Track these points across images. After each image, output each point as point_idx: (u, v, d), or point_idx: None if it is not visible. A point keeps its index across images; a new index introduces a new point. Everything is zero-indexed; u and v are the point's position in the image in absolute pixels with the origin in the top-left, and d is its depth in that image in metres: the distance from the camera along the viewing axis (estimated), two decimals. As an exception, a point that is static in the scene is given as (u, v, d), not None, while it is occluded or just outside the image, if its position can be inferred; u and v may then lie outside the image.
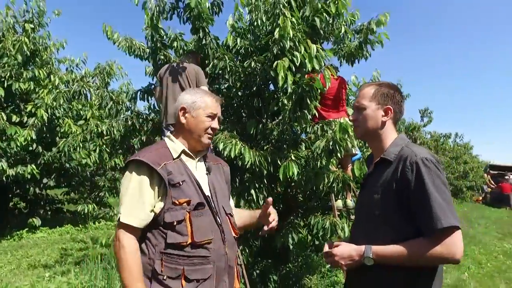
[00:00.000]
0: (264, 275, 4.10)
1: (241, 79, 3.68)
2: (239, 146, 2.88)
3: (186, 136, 1.47)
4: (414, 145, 1.37)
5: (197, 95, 1.49)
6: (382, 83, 1.47)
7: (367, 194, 1.41)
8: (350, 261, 1.30)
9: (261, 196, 3.16)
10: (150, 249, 1.32)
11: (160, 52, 3.86)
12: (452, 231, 1.18)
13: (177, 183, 1.33)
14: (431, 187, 1.20)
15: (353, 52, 3.99)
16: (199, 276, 1.30)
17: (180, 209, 1.31)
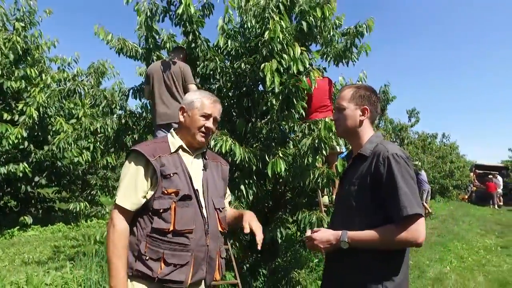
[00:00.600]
0: (253, 269, 4.24)
1: (231, 80, 3.81)
2: (230, 142, 3.02)
3: (184, 133, 1.60)
4: (388, 142, 1.53)
5: (196, 96, 1.62)
6: (360, 85, 1.64)
7: (345, 186, 1.57)
8: (328, 245, 1.46)
9: (250, 192, 3.31)
10: (139, 231, 1.44)
11: (153, 53, 3.96)
12: (416, 218, 1.34)
13: (168, 175, 1.46)
14: (400, 180, 1.36)
15: (340, 53, 4.16)
16: (176, 261, 1.42)
17: (168, 198, 1.44)
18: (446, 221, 10.81)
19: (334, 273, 1.55)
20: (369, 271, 1.42)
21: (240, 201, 3.25)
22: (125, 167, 1.50)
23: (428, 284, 4.79)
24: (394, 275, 1.41)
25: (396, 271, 1.43)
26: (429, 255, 6.33)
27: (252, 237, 4.12)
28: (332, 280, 1.56)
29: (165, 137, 1.63)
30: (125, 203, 1.43)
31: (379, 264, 1.42)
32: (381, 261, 1.41)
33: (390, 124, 12.75)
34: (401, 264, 1.46)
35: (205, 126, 1.58)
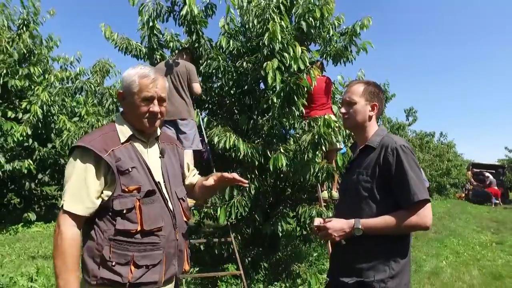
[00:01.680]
0: (255, 263, 4.37)
1: (233, 78, 3.93)
2: (233, 138, 3.14)
3: (131, 121, 1.40)
4: (393, 135, 1.66)
5: (131, 76, 1.37)
6: (369, 82, 1.73)
7: (352, 176, 1.65)
8: (342, 233, 1.54)
9: (252, 186, 3.43)
10: (98, 234, 1.28)
11: (157, 52, 4.07)
12: (425, 203, 1.47)
13: (126, 170, 1.30)
14: (409, 169, 1.48)
15: (339, 52, 4.29)
16: (148, 262, 1.30)
17: (130, 197, 1.29)
18: (443, 218, 10.96)
19: (342, 259, 1.63)
20: (375, 255, 1.52)
21: (242, 195, 3.37)
22: (69, 166, 1.29)
23: (425, 277, 4.92)
24: (400, 256, 1.53)
25: (401, 253, 1.54)
26: (426, 251, 6.48)
27: (255, 231, 4.27)
28: (340, 266, 1.64)
29: (112, 125, 1.41)
30: (75, 208, 1.25)
31: (385, 248, 1.52)
32: (387, 244, 1.52)
33: (388, 123, 12.90)
34: (406, 246, 1.58)
35: (150, 111, 1.36)
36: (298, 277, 4.32)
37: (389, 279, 1.49)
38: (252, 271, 4.22)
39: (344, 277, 1.56)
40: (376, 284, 1.48)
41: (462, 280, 4.82)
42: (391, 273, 1.49)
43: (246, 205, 3.32)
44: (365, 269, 1.52)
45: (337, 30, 4.52)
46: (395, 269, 1.50)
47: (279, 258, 4.72)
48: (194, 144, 3.63)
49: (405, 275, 1.54)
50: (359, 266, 1.54)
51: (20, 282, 3.17)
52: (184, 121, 3.58)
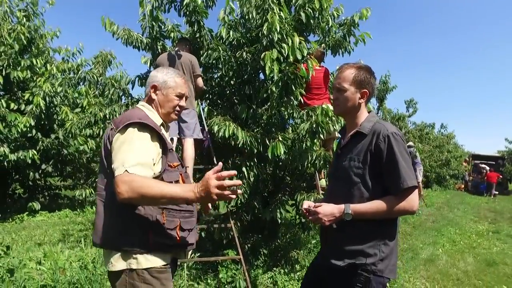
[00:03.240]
0: (254, 249, 4.48)
1: (233, 69, 3.99)
2: (232, 127, 3.21)
3: (159, 110, 1.61)
4: (384, 122, 1.71)
5: (169, 75, 1.62)
6: (361, 67, 1.74)
7: (342, 162, 1.70)
8: (332, 218, 1.59)
9: (251, 174, 3.52)
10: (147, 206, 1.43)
11: (158, 42, 4.13)
12: (413, 190, 1.54)
13: (170, 149, 1.52)
14: (399, 156, 1.55)
15: (338, 43, 4.34)
16: (189, 226, 1.54)
17: (175, 171, 1.52)
18: (442, 208, 11.08)
19: (333, 242, 1.68)
20: (366, 239, 1.59)
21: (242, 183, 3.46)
22: (130, 136, 1.38)
23: (421, 264, 5.05)
24: (389, 239, 1.61)
25: (390, 236, 1.62)
26: (423, 239, 6.60)
27: (254, 218, 4.37)
28: (332, 249, 1.69)
29: (142, 111, 1.55)
30: (143, 171, 1.31)
31: (374, 231, 1.59)
32: (376, 228, 1.59)
33: (389, 114, 12.94)
34: (394, 228, 1.65)
35: (179, 105, 1.63)
36: (297, 263, 4.44)
37: (379, 261, 1.57)
38: (251, 257, 4.34)
39: (336, 260, 1.63)
40: (368, 266, 1.56)
41: (456, 267, 4.94)
42: (381, 255, 1.57)
43: (245, 192, 3.41)
44: (356, 252, 1.58)
45: (336, 21, 4.56)
46: (384, 252, 1.58)
47: (278, 245, 4.83)
48: (195, 133, 3.72)
49: (394, 256, 1.62)
50: (350, 249, 1.60)
51: (29, 265, 3.31)
52: (185, 110, 3.65)
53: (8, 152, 5.79)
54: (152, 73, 1.65)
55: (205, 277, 3.84)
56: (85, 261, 3.49)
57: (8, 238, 5.36)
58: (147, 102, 1.63)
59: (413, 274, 4.57)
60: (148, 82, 1.63)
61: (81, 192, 7.49)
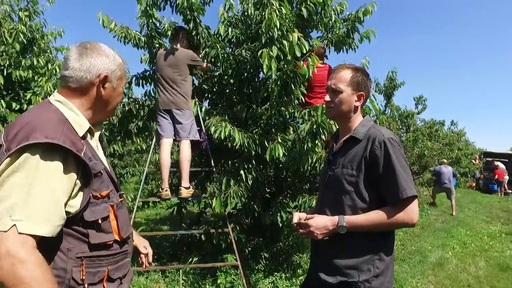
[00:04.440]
0: (255, 253, 4.36)
1: (232, 67, 3.85)
2: (229, 128, 3.08)
3: (97, 109, 1.16)
4: (380, 126, 1.58)
5: (116, 62, 1.19)
6: (357, 68, 1.62)
7: (336, 168, 1.57)
8: (325, 231, 1.47)
9: (249, 177, 3.38)
10: (57, 256, 1.01)
11: (155, 40, 4.01)
12: (412, 200, 1.41)
13: (98, 172, 1.08)
14: (397, 163, 1.41)
15: (341, 39, 4.16)
16: (120, 273, 1.16)
17: (102, 203, 1.09)
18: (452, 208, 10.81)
19: (324, 256, 1.56)
20: (359, 253, 1.46)
21: (239, 186, 3.33)
22: (27, 169, 0.91)
23: (429, 268, 4.86)
24: (385, 253, 1.47)
25: (386, 250, 1.48)
26: (431, 241, 6.39)
27: (254, 221, 4.24)
28: (323, 263, 1.56)
29: (57, 112, 1.06)
30: (39, 229, 0.90)
31: (369, 245, 1.46)
32: (371, 241, 1.46)
33: (397, 111, 12.64)
34: (391, 242, 1.52)
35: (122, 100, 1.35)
36: (299, 267, 4.30)
37: (374, 278, 1.44)
38: (252, 261, 4.22)
39: (327, 275, 1.51)
40: (361, 284, 1.43)
41: (467, 272, 4.74)
42: (375, 272, 1.44)
43: (242, 195, 3.28)
44: (348, 267, 1.46)
45: (340, 16, 4.38)
46: (379, 267, 1.45)
47: (280, 249, 4.70)
48: (191, 134, 3.60)
49: (389, 272, 1.49)
50: (342, 264, 1.48)
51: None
52: (180, 111, 3.53)
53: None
54: (92, 59, 1.12)
55: (204, 282, 3.73)
56: None
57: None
58: (71, 96, 1.11)
59: (420, 280, 4.40)
60: (87, 69, 1.11)
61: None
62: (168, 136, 3.57)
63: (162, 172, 3.50)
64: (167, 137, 3.57)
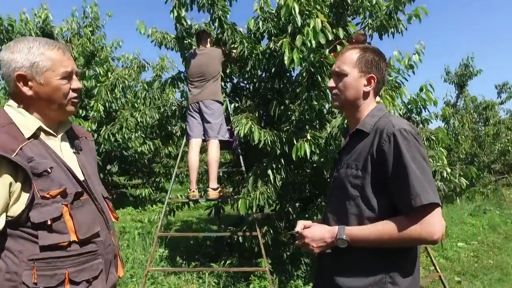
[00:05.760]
0: (294, 257, 4.13)
1: (261, 61, 3.70)
2: (249, 125, 2.93)
3: (41, 109, 1.13)
4: (393, 116, 1.26)
5: (34, 52, 1.09)
6: (367, 47, 1.35)
7: (341, 169, 1.32)
8: (322, 244, 1.24)
9: (278, 177, 3.18)
10: (8, 259, 1.01)
11: (185, 41, 4.06)
12: (432, 209, 1.09)
13: (44, 171, 1.04)
14: (410, 161, 1.11)
15: (384, 22, 3.71)
16: (88, 275, 1.11)
17: (53, 203, 1.05)
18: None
19: (327, 272, 1.32)
20: (367, 272, 1.18)
21: (267, 187, 3.15)
22: None
23: (509, 288, 4.09)
24: (401, 274, 1.17)
25: (403, 270, 1.18)
26: (516, 253, 5.41)
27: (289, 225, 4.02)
28: (325, 281, 1.32)
29: (5, 116, 1.09)
30: None
31: (379, 263, 1.18)
32: (382, 259, 1.17)
33: (472, 102, 11.15)
34: (411, 260, 1.20)
35: (72, 88, 1.15)
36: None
37: None
38: (291, 267, 4.00)
39: None
40: None
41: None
42: None
43: (269, 197, 3.09)
44: None
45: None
46: None
47: (322, 254, 4.39)
48: (220, 134, 3.53)
49: None
50: (345, 285, 1.21)
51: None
52: (208, 109, 3.50)
53: (74, 155, 6.38)
54: (4, 57, 1.08)
55: (237, 286, 3.63)
56: None
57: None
58: (17, 100, 1.12)
59: (495, 302, 3.71)
60: (4, 73, 1.10)
61: (141, 191, 7.96)
62: (197, 136, 3.56)
63: (190, 173, 3.49)
64: (196, 137, 3.55)
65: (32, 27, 6.64)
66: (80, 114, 7.09)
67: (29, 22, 6.73)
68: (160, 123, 4.26)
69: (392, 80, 4.49)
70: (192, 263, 4.09)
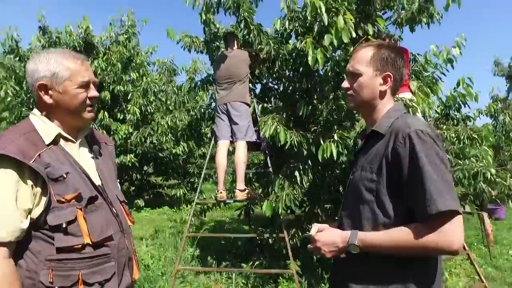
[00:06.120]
0: (324, 260, 4.04)
1: (288, 61, 3.66)
2: (275, 126, 2.91)
3: (61, 116, 1.20)
4: (410, 116, 1.21)
5: (54, 63, 1.16)
6: (381, 44, 1.29)
7: (356, 171, 1.28)
8: (334, 249, 1.19)
9: (305, 179, 3.13)
10: (29, 258, 1.09)
11: (213, 44, 4.12)
12: (450, 216, 1.02)
13: (59, 177, 1.10)
14: (426, 164, 1.04)
15: (414, 13, 3.53)
16: (100, 278, 1.15)
17: (68, 207, 1.11)
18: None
19: (341, 276, 1.27)
20: (380, 280, 1.13)
21: (293, 188, 3.11)
22: None
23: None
24: (418, 285, 1.10)
25: (421, 280, 1.11)
26: None
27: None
28: (338, 285, 1.28)
29: (28, 124, 1.17)
30: (1, 236, 1.02)
31: (396, 273, 1.12)
32: (400, 268, 1.11)
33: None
34: (429, 272, 1.13)
35: (89, 97, 1.21)
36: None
37: None
38: (320, 270, 3.92)
39: None
40: None
41: None
42: None
43: (296, 198, 3.04)
44: None
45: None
46: None
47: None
48: (248, 135, 3.54)
49: None
50: None
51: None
52: (236, 111, 3.53)
53: (112, 156, 6.75)
54: (29, 68, 1.17)
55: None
56: (143, 258, 3.73)
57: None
58: (39, 108, 1.20)
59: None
60: (29, 82, 1.18)
61: (176, 191, 8.21)
62: (225, 137, 3.60)
63: (218, 175, 3.54)
64: (223, 138, 3.60)
65: (75, 38, 7.09)
66: (118, 117, 7.47)
67: (73, 33, 7.20)
68: (190, 125, 4.36)
69: (429, 76, 4.27)
70: (223, 263, 4.14)
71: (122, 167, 7.33)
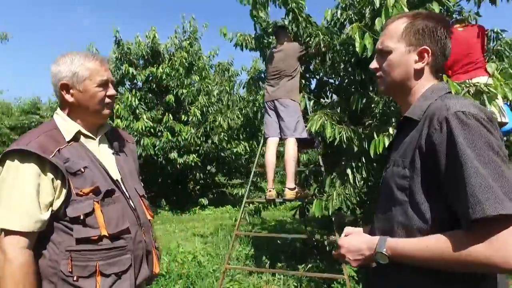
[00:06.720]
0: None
1: (340, 52, 3.42)
2: (321, 120, 2.72)
3: (81, 114, 1.26)
4: (453, 96, 0.95)
5: (76, 63, 1.23)
6: (418, 13, 1.05)
7: (388, 167, 1.07)
8: (360, 257, 1.01)
9: (358, 177, 2.87)
10: (51, 249, 1.14)
11: (264, 39, 4.06)
12: (507, 223, 0.76)
13: (78, 171, 1.16)
14: (469, 154, 0.80)
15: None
16: (116, 269, 1.17)
17: (86, 200, 1.15)
18: None
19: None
20: None
21: (345, 187, 2.88)
22: (7, 175, 1.12)
23: None
24: None
25: None
26: None
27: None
28: None
29: (51, 123, 1.25)
30: (22, 225, 1.07)
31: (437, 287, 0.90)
32: (437, 283, 0.89)
33: None
34: None
35: (107, 95, 1.27)
36: None
37: None
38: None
39: None
40: None
41: None
42: None
43: (348, 198, 2.81)
44: None
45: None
46: None
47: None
48: (297, 132, 3.40)
49: None
50: None
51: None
52: (283, 106, 3.42)
53: (176, 156, 7.16)
54: (52, 69, 1.25)
55: (319, 292, 3.44)
56: (196, 256, 3.82)
57: (181, 226, 6.56)
58: (62, 107, 1.28)
59: None
60: (53, 83, 1.25)
61: (239, 190, 8.37)
62: (273, 135, 3.51)
63: (267, 173, 3.45)
64: (272, 135, 3.51)
65: (143, 47, 7.68)
66: (182, 119, 7.88)
67: (141, 43, 7.81)
68: (243, 124, 4.37)
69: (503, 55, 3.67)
70: (278, 264, 4.05)
71: (186, 166, 7.71)
